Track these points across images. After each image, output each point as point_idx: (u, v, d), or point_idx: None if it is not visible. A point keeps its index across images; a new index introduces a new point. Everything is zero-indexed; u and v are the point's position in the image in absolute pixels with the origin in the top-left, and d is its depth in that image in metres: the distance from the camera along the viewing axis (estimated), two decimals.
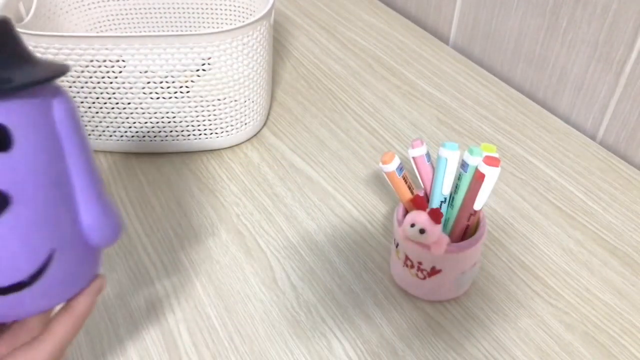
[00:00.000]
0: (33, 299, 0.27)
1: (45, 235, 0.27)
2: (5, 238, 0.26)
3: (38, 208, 0.26)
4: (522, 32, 0.76)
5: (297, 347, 0.49)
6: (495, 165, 0.44)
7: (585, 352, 0.48)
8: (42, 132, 0.27)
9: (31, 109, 0.26)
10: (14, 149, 0.25)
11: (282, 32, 0.90)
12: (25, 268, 0.26)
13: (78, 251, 0.29)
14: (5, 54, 0.26)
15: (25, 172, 0.26)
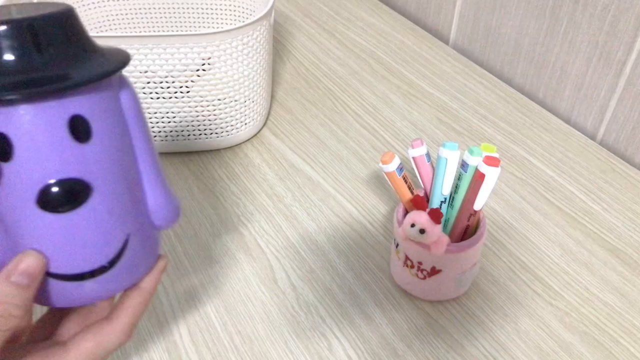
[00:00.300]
0: (110, 281, 0.28)
1: (122, 221, 0.28)
2: (88, 226, 0.27)
3: (115, 195, 0.27)
4: (522, 32, 0.76)
5: (297, 347, 0.49)
6: (495, 165, 0.44)
7: (585, 352, 0.48)
8: (114, 121, 0.28)
9: (103, 100, 0.27)
10: (92, 139, 0.26)
11: (282, 32, 0.90)
12: (106, 253, 0.28)
13: (147, 234, 0.30)
14: (76, 45, 0.27)
15: (103, 161, 0.27)
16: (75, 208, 0.26)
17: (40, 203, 0.26)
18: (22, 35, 0.25)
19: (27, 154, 0.25)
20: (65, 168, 0.26)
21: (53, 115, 0.25)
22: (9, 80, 0.25)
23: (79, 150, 0.26)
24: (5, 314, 0.25)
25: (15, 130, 0.25)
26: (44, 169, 0.25)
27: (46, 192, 0.25)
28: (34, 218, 0.26)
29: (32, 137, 0.25)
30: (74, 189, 0.26)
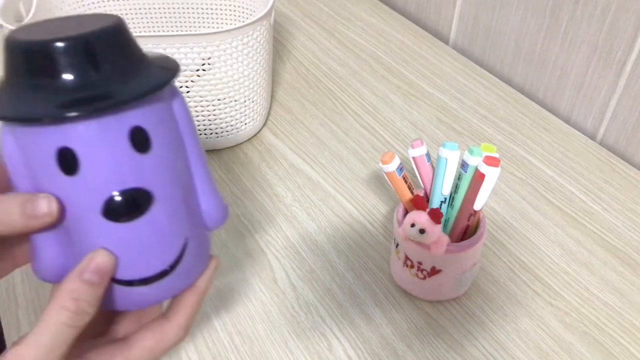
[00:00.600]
0: (171, 284, 0.29)
1: (181, 226, 0.29)
2: (150, 233, 0.28)
3: (174, 202, 0.28)
4: (522, 32, 0.76)
5: (297, 347, 0.49)
6: (495, 165, 0.44)
7: (585, 352, 0.48)
8: (170, 130, 0.29)
9: (159, 110, 0.28)
10: (151, 149, 0.27)
11: (282, 32, 0.90)
12: (168, 258, 0.28)
13: (201, 236, 0.31)
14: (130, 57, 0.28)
15: (162, 170, 0.28)
16: (138, 217, 0.27)
17: (105, 213, 0.26)
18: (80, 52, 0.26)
19: (93, 167, 0.26)
20: (129, 178, 0.27)
21: (115, 128, 0.26)
22: (71, 97, 0.25)
23: (140, 160, 0.27)
24: (79, 310, 0.26)
25: (81, 145, 0.26)
26: (109, 180, 0.26)
27: (111, 202, 0.26)
28: (99, 228, 0.27)
29: (96, 151, 0.26)
30: (137, 198, 0.27)
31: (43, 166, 0.26)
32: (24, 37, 0.26)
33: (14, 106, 0.26)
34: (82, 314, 0.26)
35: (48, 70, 0.26)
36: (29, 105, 0.26)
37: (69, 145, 0.26)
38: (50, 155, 0.26)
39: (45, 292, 0.53)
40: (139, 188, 0.27)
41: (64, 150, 0.26)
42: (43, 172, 0.27)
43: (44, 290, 0.53)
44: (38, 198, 0.26)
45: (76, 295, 0.26)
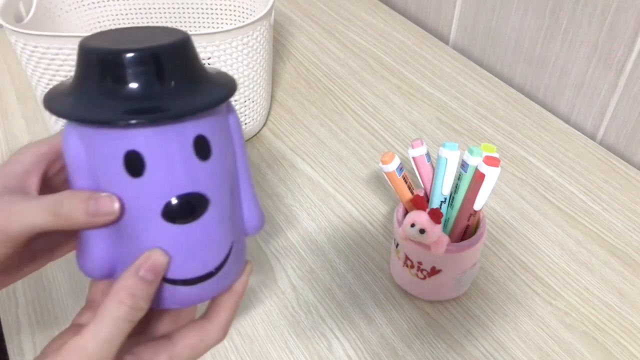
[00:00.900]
0: (213, 286, 0.31)
1: (229, 230, 0.31)
2: (204, 235, 0.29)
3: (225, 207, 0.30)
4: (522, 32, 0.76)
5: (297, 347, 0.49)
6: (495, 165, 0.44)
7: (585, 352, 0.48)
8: (226, 140, 0.31)
9: (219, 122, 0.30)
10: (211, 157, 0.29)
11: (282, 32, 0.90)
12: (215, 261, 0.30)
13: (242, 241, 0.33)
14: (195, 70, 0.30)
15: (218, 177, 0.30)
16: (194, 220, 0.29)
17: (165, 215, 0.28)
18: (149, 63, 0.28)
19: (158, 171, 0.28)
20: (190, 183, 0.28)
21: (184, 135, 0.28)
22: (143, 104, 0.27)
23: (201, 167, 0.29)
24: (136, 306, 0.27)
25: (149, 149, 0.27)
26: (172, 184, 0.28)
27: (171, 205, 0.28)
28: (156, 228, 0.28)
29: (163, 156, 0.28)
30: (195, 202, 0.28)
31: (108, 167, 0.28)
32: (98, 44, 0.28)
33: (87, 109, 0.27)
34: (137, 309, 0.27)
35: (123, 77, 0.27)
36: (102, 109, 0.27)
37: (137, 149, 0.27)
38: (117, 157, 0.27)
39: (45, 294, 0.53)
40: (198, 193, 0.28)
41: (132, 153, 0.27)
42: (107, 172, 0.28)
43: (44, 290, 0.53)
44: (101, 197, 0.27)
45: (133, 291, 0.27)
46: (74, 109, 0.27)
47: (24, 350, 0.49)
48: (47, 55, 0.59)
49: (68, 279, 0.54)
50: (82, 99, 0.28)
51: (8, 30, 0.58)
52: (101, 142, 0.28)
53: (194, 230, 0.29)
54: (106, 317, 0.27)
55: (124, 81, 0.27)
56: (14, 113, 0.75)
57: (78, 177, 0.29)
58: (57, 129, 0.66)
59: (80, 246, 0.30)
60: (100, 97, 0.27)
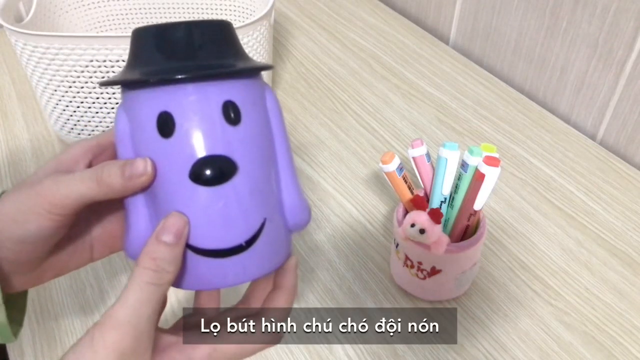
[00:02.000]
0: (245, 264, 0.30)
1: (260, 203, 0.30)
2: (231, 201, 0.29)
3: (256, 178, 0.30)
4: (522, 32, 0.76)
5: (297, 347, 0.49)
6: (495, 165, 0.44)
7: (585, 352, 0.48)
8: (260, 112, 0.31)
9: (252, 91, 0.31)
10: (240, 124, 0.30)
11: (282, 32, 0.90)
12: (244, 232, 0.30)
13: (281, 225, 0.32)
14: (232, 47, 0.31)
15: (249, 144, 0.30)
16: (221, 183, 0.29)
17: (192, 176, 0.29)
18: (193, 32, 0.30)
19: (187, 131, 0.29)
20: (217, 145, 0.29)
21: (212, 98, 0.29)
22: (179, 65, 0.29)
23: (229, 131, 0.29)
24: (159, 268, 0.28)
25: (179, 110, 0.29)
26: (200, 145, 0.29)
27: (199, 165, 0.28)
28: (185, 190, 0.29)
29: (193, 117, 0.29)
30: (222, 164, 0.29)
31: (144, 130, 0.29)
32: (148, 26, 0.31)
33: (125, 74, 0.30)
34: (161, 271, 0.28)
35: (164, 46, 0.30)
36: (139, 73, 0.29)
37: (169, 109, 0.29)
38: (151, 118, 0.29)
39: (45, 294, 0.53)
40: (225, 156, 0.29)
41: (164, 114, 0.29)
42: (143, 136, 0.29)
43: (44, 290, 0.53)
44: (135, 161, 0.29)
45: (154, 255, 0.28)
46: (118, 77, 0.30)
47: (24, 350, 0.49)
48: (47, 55, 0.59)
49: (68, 278, 0.54)
50: (125, 71, 0.30)
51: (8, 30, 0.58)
52: (139, 106, 0.29)
53: (221, 195, 0.29)
54: (133, 284, 0.28)
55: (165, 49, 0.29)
56: (14, 113, 0.74)
57: (122, 147, 0.30)
58: (57, 128, 0.66)
59: (125, 227, 0.31)
60: (141, 66, 0.30)
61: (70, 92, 0.62)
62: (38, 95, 0.64)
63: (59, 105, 0.63)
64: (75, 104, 0.63)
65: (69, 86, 0.61)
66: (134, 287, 0.28)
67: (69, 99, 0.63)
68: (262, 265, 0.31)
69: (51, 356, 0.48)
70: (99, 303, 0.52)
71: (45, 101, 0.64)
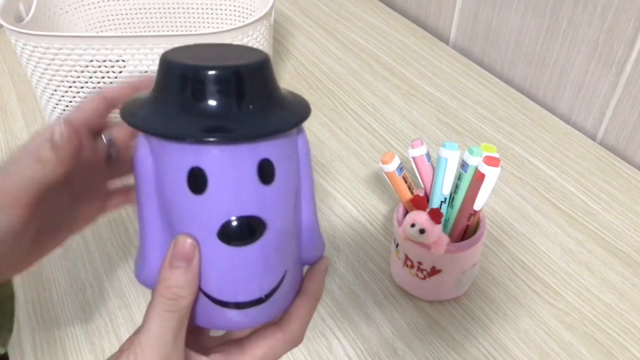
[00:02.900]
0: (261, 313, 0.30)
1: (284, 258, 0.30)
2: (257, 260, 0.29)
3: (282, 234, 0.29)
4: (522, 32, 0.76)
5: (297, 347, 0.49)
6: (495, 165, 0.44)
7: (585, 352, 0.48)
8: (292, 166, 0.30)
9: (287, 146, 0.29)
10: (274, 182, 0.28)
11: (282, 32, 0.90)
12: (266, 287, 0.29)
13: (298, 269, 0.32)
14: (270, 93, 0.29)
15: (278, 202, 0.29)
16: (250, 243, 0.28)
17: (220, 235, 0.28)
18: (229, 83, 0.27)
19: (219, 190, 0.27)
20: (250, 206, 0.28)
21: (247, 158, 0.28)
22: (214, 124, 0.27)
23: (263, 190, 0.28)
24: (174, 296, 0.28)
25: (212, 168, 0.27)
26: (231, 205, 0.28)
27: (228, 226, 0.27)
28: (210, 247, 0.28)
29: (226, 175, 0.27)
30: (252, 225, 0.28)
31: (172, 180, 0.28)
32: (180, 59, 0.28)
33: (160, 122, 0.28)
34: (178, 298, 0.28)
35: (199, 94, 0.27)
36: (175, 124, 0.27)
37: (202, 166, 0.27)
38: (182, 171, 0.27)
39: (45, 294, 0.53)
40: (256, 216, 0.28)
41: (196, 170, 0.27)
42: (170, 185, 0.28)
43: (44, 290, 0.53)
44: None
45: (168, 283, 0.28)
46: (147, 121, 0.28)
47: (24, 350, 0.49)
48: (47, 55, 0.59)
49: (68, 278, 0.54)
50: (157, 112, 0.28)
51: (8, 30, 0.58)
52: (168, 155, 0.28)
53: (248, 254, 0.28)
54: (153, 313, 0.28)
55: (200, 98, 0.27)
56: (14, 113, 0.75)
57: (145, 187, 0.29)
58: None
59: (139, 258, 0.31)
60: (174, 112, 0.28)
61: (70, 92, 0.62)
62: (38, 95, 0.64)
63: (59, 105, 0.63)
64: (75, 104, 0.63)
65: (69, 86, 0.61)
66: (155, 316, 0.28)
67: (69, 99, 0.63)
68: (276, 310, 0.31)
69: (51, 356, 0.48)
70: (99, 303, 0.52)
71: (45, 101, 0.64)
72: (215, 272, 0.28)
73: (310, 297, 0.32)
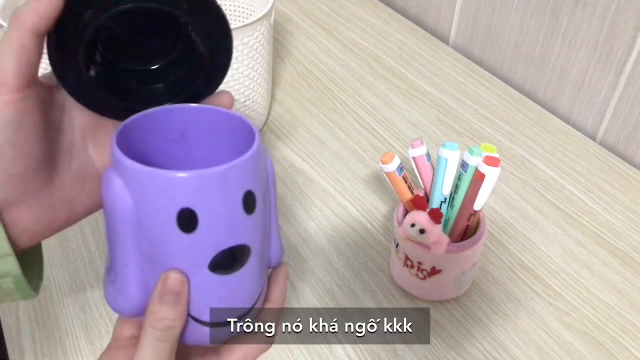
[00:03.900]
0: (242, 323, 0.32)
1: (264, 273, 0.32)
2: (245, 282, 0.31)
3: (263, 253, 0.32)
4: (522, 32, 0.76)
5: (297, 347, 0.49)
6: (495, 165, 0.44)
7: (585, 352, 0.48)
8: (266, 192, 0.32)
9: (262, 174, 0.31)
10: (256, 210, 0.30)
11: (282, 32, 0.90)
12: (251, 300, 0.32)
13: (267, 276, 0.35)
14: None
15: (259, 228, 0.31)
16: (237, 270, 0.30)
17: (212, 267, 0.29)
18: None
19: (210, 227, 0.28)
20: (238, 237, 0.29)
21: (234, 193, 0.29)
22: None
23: (247, 220, 0.29)
24: (165, 328, 0.29)
25: (203, 207, 0.28)
26: (222, 238, 0.29)
27: (219, 257, 0.29)
28: (202, 279, 0.29)
29: (216, 213, 0.28)
30: (240, 253, 0.30)
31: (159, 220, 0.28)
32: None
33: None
34: (168, 329, 0.29)
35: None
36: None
37: (192, 206, 0.28)
38: (171, 212, 0.28)
39: (45, 294, 0.53)
40: (243, 245, 0.30)
41: (186, 210, 0.28)
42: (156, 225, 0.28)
43: (44, 290, 0.53)
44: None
45: (159, 315, 0.29)
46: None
47: (24, 350, 0.49)
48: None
49: (68, 278, 0.54)
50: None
51: None
52: (154, 197, 0.28)
53: (236, 279, 0.30)
54: (145, 342, 0.29)
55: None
56: None
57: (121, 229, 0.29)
58: None
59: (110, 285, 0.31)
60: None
61: None
62: None
63: None
64: None
65: None
66: (147, 345, 0.29)
67: None
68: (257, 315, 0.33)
69: (51, 356, 0.48)
70: (99, 303, 0.52)
71: None
72: (207, 299, 0.30)
73: (276, 303, 0.34)
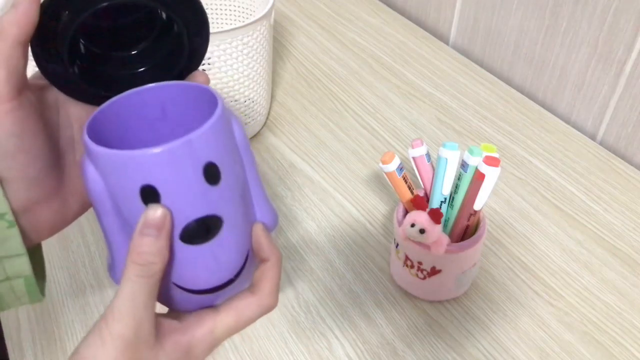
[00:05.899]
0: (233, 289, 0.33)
1: (244, 241, 0.33)
2: (220, 252, 0.31)
3: (239, 222, 0.32)
4: (522, 32, 0.76)
5: (297, 347, 0.49)
6: (495, 165, 0.44)
7: (585, 352, 0.48)
8: (234, 159, 0.32)
9: (227, 143, 0.31)
10: (221, 180, 0.30)
11: (282, 32, 0.90)
12: (233, 270, 0.32)
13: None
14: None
15: (229, 197, 0.31)
16: (211, 239, 0.30)
17: (183, 239, 0.30)
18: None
19: (173, 201, 0.29)
20: (203, 208, 0.30)
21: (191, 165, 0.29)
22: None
23: (212, 191, 0.30)
24: (146, 262, 0.29)
25: (162, 182, 0.29)
26: (186, 211, 0.30)
27: (188, 229, 0.30)
28: (178, 250, 0.30)
29: (176, 186, 0.29)
30: (210, 223, 0.30)
31: (126, 198, 0.30)
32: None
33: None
34: (148, 264, 0.29)
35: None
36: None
37: (152, 182, 0.29)
38: (134, 190, 0.29)
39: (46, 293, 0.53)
40: (211, 215, 0.30)
41: (147, 187, 0.29)
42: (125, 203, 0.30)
43: None
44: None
45: (139, 249, 0.29)
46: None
47: (24, 350, 0.49)
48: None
49: (68, 278, 0.54)
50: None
51: None
52: (117, 177, 0.29)
53: (212, 249, 0.31)
54: (124, 278, 0.30)
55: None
56: None
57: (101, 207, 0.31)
58: None
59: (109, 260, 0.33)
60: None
61: None
62: None
63: None
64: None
65: None
66: (126, 282, 0.30)
67: None
68: (246, 281, 0.34)
69: (51, 356, 0.48)
70: (99, 303, 0.52)
71: None
72: (186, 269, 0.31)
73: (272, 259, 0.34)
